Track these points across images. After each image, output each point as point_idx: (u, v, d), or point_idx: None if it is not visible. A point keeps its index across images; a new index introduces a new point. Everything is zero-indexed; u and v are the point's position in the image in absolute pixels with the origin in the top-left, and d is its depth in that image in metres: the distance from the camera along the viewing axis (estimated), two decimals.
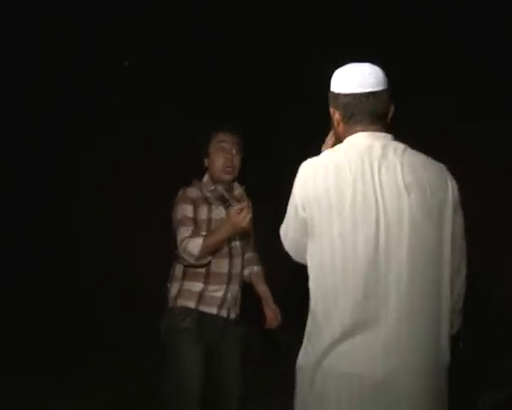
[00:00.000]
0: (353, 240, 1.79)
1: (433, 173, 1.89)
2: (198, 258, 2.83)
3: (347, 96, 1.93)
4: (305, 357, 1.90)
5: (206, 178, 3.08)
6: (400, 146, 1.92)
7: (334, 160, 1.88)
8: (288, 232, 2.01)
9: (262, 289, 3.16)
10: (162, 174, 5.98)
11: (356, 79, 1.92)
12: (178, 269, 3.01)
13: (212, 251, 2.87)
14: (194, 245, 2.82)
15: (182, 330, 2.91)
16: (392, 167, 1.86)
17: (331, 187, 1.83)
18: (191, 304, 2.95)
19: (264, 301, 3.13)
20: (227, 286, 2.98)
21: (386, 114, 1.96)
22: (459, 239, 1.92)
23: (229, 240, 2.95)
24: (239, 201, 2.99)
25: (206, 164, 3.08)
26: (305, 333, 1.93)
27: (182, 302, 2.96)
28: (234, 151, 3.02)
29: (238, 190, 3.13)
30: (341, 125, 1.97)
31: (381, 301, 1.78)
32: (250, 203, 2.90)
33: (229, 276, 2.99)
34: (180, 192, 3.02)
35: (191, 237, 2.85)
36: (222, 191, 3.02)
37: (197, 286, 2.95)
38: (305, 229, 1.90)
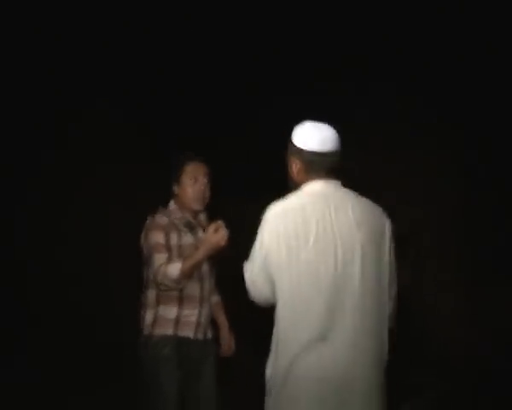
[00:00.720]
0: (317, 267, 2.20)
1: (374, 213, 2.35)
2: (178, 281, 2.88)
3: (310, 152, 2.32)
4: (275, 363, 2.26)
5: (172, 205, 3.13)
6: (349, 192, 2.37)
7: (298, 204, 2.28)
8: (252, 274, 2.35)
9: (220, 319, 3.30)
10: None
11: (319, 139, 2.32)
12: (151, 295, 3.05)
13: (191, 274, 2.93)
14: (174, 269, 2.87)
15: (161, 359, 2.96)
16: (345, 209, 2.28)
17: (299, 226, 2.22)
18: (169, 331, 2.99)
19: (221, 330, 3.29)
20: (200, 308, 3.06)
21: (339, 168, 2.38)
22: (393, 264, 2.37)
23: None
24: (203, 227, 3.10)
25: (175, 191, 3.12)
26: (273, 344, 2.29)
27: (160, 331, 3.00)
28: (206, 180, 3.10)
29: (202, 215, 3.19)
30: (301, 173, 2.36)
31: (339, 315, 2.19)
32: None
33: (201, 298, 3.06)
34: (149, 220, 3.06)
35: (168, 262, 2.90)
36: (189, 218, 3.10)
37: (172, 312, 3.00)
38: (268, 274, 2.27)
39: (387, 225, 2.35)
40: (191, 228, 3.09)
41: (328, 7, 5.66)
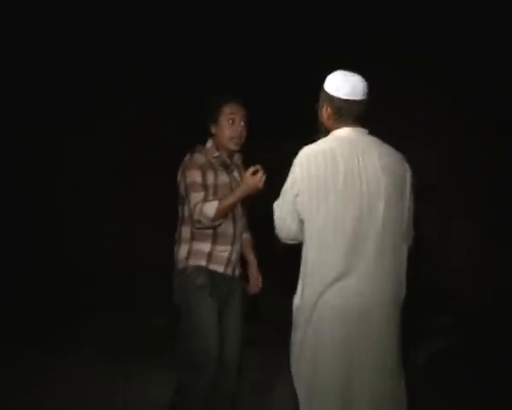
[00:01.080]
0: (344, 209, 2.36)
1: (397, 160, 2.50)
2: (213, 220, 2.98)
3: (340, 100, 2.48)
4: (302, 297, 2.45)
5: (209, 143, 3.19)
6: (375, 139, 2.52)
7: (328, 148, 2.43)
8: (281, 212, 2.50)
9: (250, 257, 3.40)
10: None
11: (349, 87, 2.47)
12: (185, 232, 3.15)
13: (226, 213, 3.04)
14: (211, 208, 2.97)
15: (197, 287, 3.07)
16: (371, 155, 2.43)
17: (329, 169, 2.38)
18: (203, 262, 3.11)
19: (250, 268, 3.39)
20: (232, 246, 3.16)
21: (366, 116, 2.53)
22: (411, 209, 2.52)
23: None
24: (238, 167, 3.22)
25: (212, 130, 3.18)
26: (300, 279, 2.47)
27: (193, 262, 3.10)
28: (242, 123, 3.15)
29: (237, 156, 3.27)
30: (331, 119, 2.51)
31: (362, 254, 2.37)
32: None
33: (234, 237, 3.17)
34: (187, 158, 3.13)
35: (204, 200, 3.00)
36: (225, 158, 3.18)
37: (206, 247, 3.10)
38: (297, 213, 2.43)
39: (408, 173, 2.50)
40: (226, 167, 3.18)
41: None
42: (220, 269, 3.14)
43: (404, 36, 5.83)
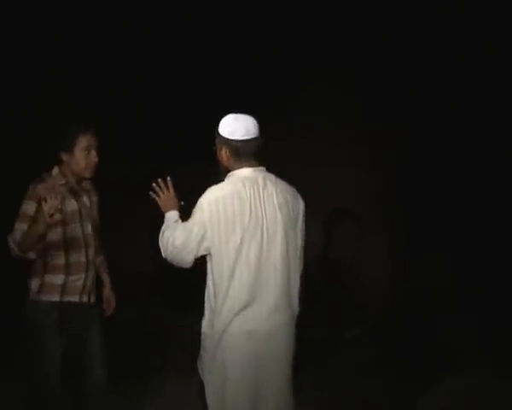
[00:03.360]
0: (248, 245, 2.65)
1: (292, 195, 2.81)
2: (20, 244, 3.00)
3: (237, 141, 2.73)
4: (210, 324, 2.73)
5: (55, 171, 3.17)
6: (272, 176, 2.80)
7: (235, 189, 2.68)
8: (184, 242, 2.69)
9: (103, 276, 3.46)
10: None
11: (243, 129, 2.73)
12: (38, 264, 3.11)
13: (34, 242, 3.00)
14: (19, 232, 3.00)
15: (46, 326, 3.07)
16: (271, 193, 2.73)
17: (236, 209, 2.64)
18: (55, 297, 3.10)
19: (104, 290, 3.46)
20: (86, 273, 3.17)
21: (260, 152, 2.78)
22: (303, 239, 2.85)
23: (83, 229, 3.16)
24: (89, 192, 3.26)
25: (63, 157, 3.15)
26: (207, 307, 2.76)
27: (46, 297, 3.10)
28: (96, 152, 3.18)
29: (86, 182, 3.27)
30: (231, 160, 2.76)
31: (264, 284, 2.69)
32: (90, 200, 3.23)
33: (87, 264, 3.18)
34: (31, 187, 3.08)
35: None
36: (73, 185, 3.19)
37: (59, 278, 3.10)
38: (201, 248, 2.69)
39: (301, 206, 2.84)
40: (75, 194, 3.18)
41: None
42: (75, 298, 3.15)
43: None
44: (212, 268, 2.72)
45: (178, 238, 2.70)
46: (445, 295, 5.59)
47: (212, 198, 2.66)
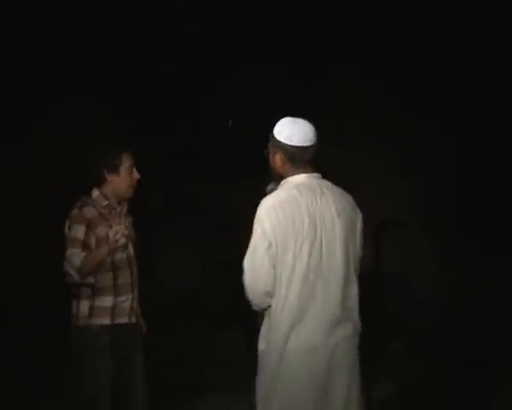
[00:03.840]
0: (307, 255, 2.48)
1: (349, 203, 2.65)
2: (80, 270, 2.93)
3: (294, 147, 2.58)
4: (267, 342, 2.55)
5: (96, 193, 3.12)
6: (328, 183, 2.65)
7: (291, 196, 2.54)
8: (254, 262, 2.51)
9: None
10: None
11: (301, 134, 2.58)
12: (86, 287, 3.04)
13: (95, 267, 2.97)
14: (77, 257, 2.93)
15: (97, 350, 3.01)
16: (328, 201, 2.57)
17: (295, 217, 2.49)
18: (106, 320, 3.04)
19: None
20: (132, 294, 3.15)
21: (315, 159, 2.64)
22: (361, 249, 2.68)
23: (127, 250, 3.12)
24: (125, 213, 3.19)
25: (107, 178, 3.10)
26: (265, 327, 2.58)
27: (96, 320, 3.03)
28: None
29: (123, 203, 3.22)
30: (286, 166, 2.61)
31: (323, 295, 2.51)
32: (128, 220, 3.15)
33: (132, 284, 3.16)
34: (75, 211, 3.04)
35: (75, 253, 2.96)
36: (115, 205, 3.14)
37: (108, 301, 3.05)
38: (271, 261, 2.49)
39: (359, 215, 2.66)
40: (116, 214, 3.14)
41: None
42: (125, 320, 3.11)
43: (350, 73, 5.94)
44: (275, 280, 2.52)
45: (250, 262, 2.52)
46: (494, 304, 5.45)
47: (270, 207, 2.52)
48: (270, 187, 4.37)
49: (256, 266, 2.50)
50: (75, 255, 2.94)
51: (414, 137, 5.92)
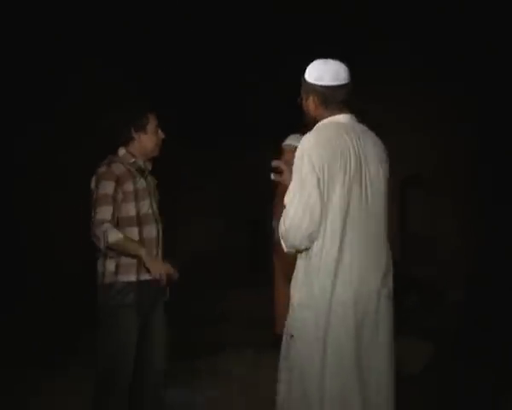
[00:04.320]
0: (350, 196, 2.37)
1: (380, 146, 2.54)
2: (108, 247, 2.94)
3: (326, 87, 2.46)
4: (310, 293, 2.39)
5: (122, 151, 3.15)
6: (365, 127, 2.53)
7: (333, 134, 2.41)
8: (302, 200, 2.35)
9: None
10: None
11: (332, 74, 2.47)
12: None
13: (123, 251, 2.98)
14: (115, 235, 2.93)
15: (123, 306, 3.00)
16: (367, 142, 2.47)
17: (338, 153, 2.36)
18: (132, 277, 3.03)
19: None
20: (157, 249, 3.13)
21: (351, 100, 2.52)
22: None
23: (152, 206, 3.13)
24: (149, 171, 3.20)
25: (135, 136, 3.13)
26: (305, 274, 2.41)
27: (122, 278, 3.02)
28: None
29: (148, 163, 3.23)
30: (319, 109, 2.49)
31: (365, 240, 2.40)
32: (155, 179, 3.21)
33: (158, 239, 3.15)
34: (103, 168, 3.05)
35: (112, 221, 2.97)
36: (141, 164, 3.16)
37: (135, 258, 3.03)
38: (322, 198, 2.34)
39: (388, 162, 2.54)
40: (142, 173, 3.16)
41: None
42: (149, 276, 3.05)
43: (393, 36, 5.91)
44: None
45: (293, 199, 2.36)
46: None
47: (313, 145, 2.37)
48: (287, 142, 4.39)
49: (303, 201, 2.34)
50: (103, 212, 2.95)
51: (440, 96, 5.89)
